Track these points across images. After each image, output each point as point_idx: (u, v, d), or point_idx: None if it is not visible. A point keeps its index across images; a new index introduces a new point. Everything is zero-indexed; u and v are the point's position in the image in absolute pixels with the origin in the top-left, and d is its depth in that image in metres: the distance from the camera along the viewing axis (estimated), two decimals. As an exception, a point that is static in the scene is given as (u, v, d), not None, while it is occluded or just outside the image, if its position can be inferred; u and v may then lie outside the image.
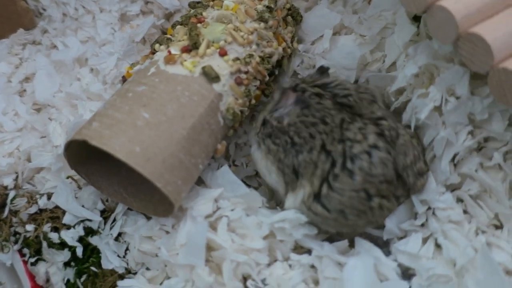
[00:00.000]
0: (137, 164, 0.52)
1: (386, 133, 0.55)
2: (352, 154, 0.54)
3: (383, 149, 0.54)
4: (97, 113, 0.58)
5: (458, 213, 0.54)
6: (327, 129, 0.55)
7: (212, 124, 0.60)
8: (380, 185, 0.54)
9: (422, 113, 0.57)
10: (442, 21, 0.49)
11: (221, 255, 0.56)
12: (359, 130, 0.55)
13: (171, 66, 0.60)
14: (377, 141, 0.54)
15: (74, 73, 0.75)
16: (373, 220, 0.56)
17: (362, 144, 0.54)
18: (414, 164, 0.55)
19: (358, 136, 0.54)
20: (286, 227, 0.57)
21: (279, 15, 0.69)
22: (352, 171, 0.54)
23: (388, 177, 0.54)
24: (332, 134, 0.55)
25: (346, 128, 0.55)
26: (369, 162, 0.53)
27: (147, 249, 0.60)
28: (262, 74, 0.65)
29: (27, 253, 0.65)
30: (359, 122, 0.55)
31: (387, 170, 0.54)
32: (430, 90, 0.57)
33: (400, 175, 0.55)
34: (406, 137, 0.56)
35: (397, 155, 0.54)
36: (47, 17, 0.81)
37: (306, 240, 0.58)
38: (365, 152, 0.54)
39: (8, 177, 0.67)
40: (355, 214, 0.55)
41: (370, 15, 0.70)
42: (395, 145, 0.55)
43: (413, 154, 0.55)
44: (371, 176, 0.53)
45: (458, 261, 0.52)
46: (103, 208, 0.64)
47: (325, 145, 0.55)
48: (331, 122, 0.56)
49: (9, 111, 0.72)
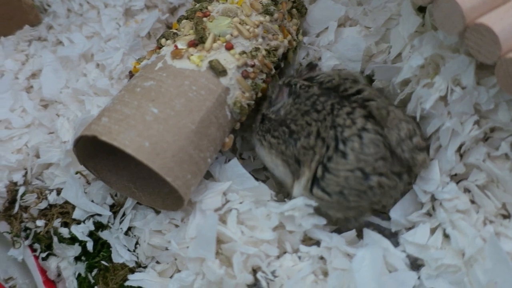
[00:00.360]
0: (147, 159, 0.53)
1: (375, 112, 0.56)
2: (343, 138, 0.56)
3: (372, 130, 0.55)
4: (106, 109, 0.58)
5: (464, 202, 0.54)
6: (320, 116, 0.58)
7: (219, 117, 0.60)
8: (375, 162, 0.55)
9: (427, 103, 0.57)
10: (448, 12, 0.49)
11: (231, 247, 0.56)
12: (348, 115, 0.56)
13: (178, 61, 0.60)
14: (365, 124, 0.56)
15: (80, 68, 0.76)
16: (376, 200, 0.57)
17: (351, 129, 0.56)
18: (409, 138, 0.56)
19: (348, 121, 0.56)
20: (296, 215, 0.57)
21: (284, 7, 0.69)
22: (344, 152, 0.55)
23: (381, 154, 0.55)
24: (325, 122, 0.57)
25: (336, 114, 0.57)
26: (360, 143, 0.55)
27: (156, 243, 0.61)
28: (268, 67, 0.65)
29: (38, 248, 0.66)
30: (347, 107, 0.57)
31: (379, 148, 0.55)
32: (436, 80, 0.57)
33: (394, 151, 0.55)
34: (397, 112, 0.57)
35: (389, 131, 0.55)
36: (52, 13, 0.81)
37: (315, 231, 0.59)
38: (356, 135, 0.55)
39: (18, 173, 0.68)
40: (355, 195, 0.56)
41: (374, 6, 0.70)
42: (386, 122, 0.56)
43: (407, 128, 0.56)
44: (364, 155, 0.55)
45: (467, 251, 0.52)
46: (112, 203, 0.65)
47: (320, 133, 0.57)
48: (322, 110, 0.58)
49: (16, 108, 0.73)
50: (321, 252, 0.57)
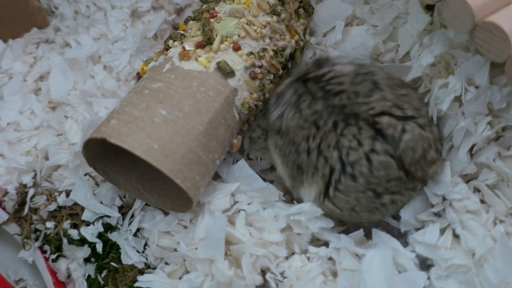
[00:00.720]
0: (156, 161, 0.53)
1: (387, 132, 0.52)
2: (349, 161, 0.53)
3: (382, 152, 0.52)
4: (115, 111, 0.58)
5: (474, 202, 0.54)
6: (320, 133, 0.54)
7: (228, 119, 0.60)
8: (387, 183, 0.53)
9: (443, 104, 0.57)
10: (457, 10, 0.49)
11: (239, 248, 0.56)
12: (353, 137, 0.53)
13: (186, 62, 0.60)
14: (373, 145, 0.52)
15: (88, 70, 0.76)
16: (388, 213, 0.57)
17: (358, 151, 0.52)
18: (423, 157, 0.54)
19: (353, 143, 0.53)
20: (302, 219, 0.57)
21: (291, 7, 0.69)
22: (353, 175, 0.53)
23: (394, 175, 0.53)
24: (327, 140, 0.54)
25: (341, 133, 0.53)
26: (369, 166, 0.52)
27: (165, 244, 0.61)
28: (275, 67, 0.65)
29: (48, 250, 0.66)
30: (353, 126, 0.53)
31: (391, 170, 0.52)
32: (450, 80, 0.57)
33: (408, 171, 0.54)
34: (415, 131, 0.53)
35: (403, 152, 0.52)
36: (59, 15, 0.82)
37: (322, 233, 0.59)
38: (363, 158, 0.52)
39: (27, 175, 0.68)
40: (367, 211, 0.55)
41: (381, 4, 0.70)
42: (400, 142, 0.52)
43: (422, 148, 0.53)
44: (375, 178, 0.53)
45: (477, 251, 0.52)
46: (121, 204, 0.65)
47: (322, 151, 0.54)
48: (324, 126, 0.54)
49: (25, 110, 0.73)
50: (330, 253, 0.57)
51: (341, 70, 0.57)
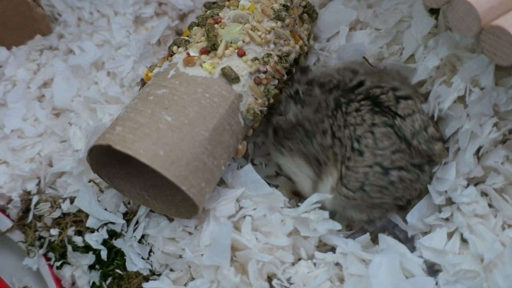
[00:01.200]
0: (161, 168, 0.53)
1: (383, 98, 0.57)
2: (356, 136, 0.56)
3: (381, 124, 0.56)
4: (120, 117, 0.58)
5: (483, 206, 0.54)
6: (329, 112, 0.58)
7: (233, 124, 0.60)
8: (392, 155, 0.55)
9: (445, 103, 0.57)
10: (463, 14, 0.49)
11: (245, 255, 0.56)
12: (357, 112, 0.57)
13: (191, 68, 0.60)
14: (373, 118, 0.56)
15: (92, 77, 0.76)
16: (399, 195, 0.57)
17: (363, 126, 0.56)
18: (424, 129, 0.56)
19: (358, 119, 0.57)
20: (311, 218, 0.57)
21: (295, 13, 0.69)
22: (360, 150, 0.56)
23: (397, 146, 0.55)
24: (337, 121, 0.58)
25: (346, 111, 0.57)
26: (373, 138, 0.56)
27: (170, 251, 0.61)
28: (280, 73, 0.65)
29: (52, 257, 0.66)
30: (354, 102, 0.57)
31: (392, 140, 0.55)
32: (454, 80, 0.57)
33: (410, 143, 0.56)
34: (409, 101, 0.57)
35: (402, 122, 0.56)
36: (63, 22, 0.81)
37: (330, 237, 0.58)
38: (368, 131, 0.56)
39: (31, 182, 0.68)
40: (377, 191, 0.57)
41: (385, 8, 0.70)
42: (399, 110, 0.56)
43: (421, 119, 0.56)
44: (379, 149, 0.55)
45: (486, 256, 0.51)
46: (126, 211, 0.65)
47: (335, 132, 0.58)
48: (329, 105, 0.59)
49: (29, 117, 0.73)
50: (336, 258, 0.56)
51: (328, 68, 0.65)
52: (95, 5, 0.82)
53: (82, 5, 0.82)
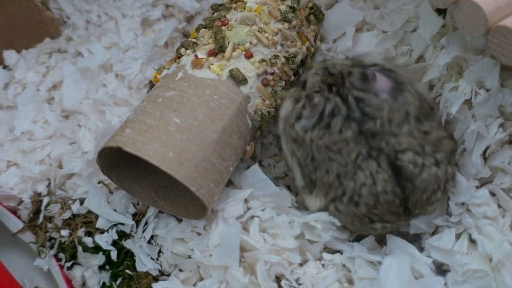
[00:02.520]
0: (171, 169, 0.53)
1: (406, 170, 0.53)
2: (360, 193, 0.54)
3: (391, 193, 0.54)
4: (129, 120, 0.59)
5: (493, 209, 0.54)
6: (342, 161, 0.54)
7: (241, 126, 0.60)
8: (384, 215, 0.55)
9: (453, 107, 0.57)
10: (470, 15, 0.49)
11: (254, 255, 0.57)
12: (370, 174, 0.53)
13: (199, 70, 0.61)
14: (385, 187, 0.53)
15: (100, 79, 0.76)
16: (376, 234, 0.59)
17: (371, 188, 0.54)
18: (429, 198, 0.55)
19: (368, 180, 0.54)
20: (318, 227, 0.58)
21: (302, 14, 0.69)
22: (358, 203, 0.55)
23: (394, 211, 0.55)
24: (346, 169, 0.54)
25: (360, 166, 0.54)
26: (376, 201, 0.54)
27: (179, 251, 0.61)
28: (287, 74, 0.65)
29: (63, 258, 0.66)
30: (373, 162, 0.53)
31: (393, 207, 0.54)
32: (460, 83, 0.57)
33: (409, 209, 0.55)
34: (432, 170, 0.53)
35: (413, 191, 0.54)
36: (71, 25, 0.82)
37: (335, 242, 0.59)
38: (373, 194, 0.54)
39: (41, 184, 0.69)
40: (358, 229, 0.58)
41: (391, 9, 0.70)
42: (415, 180, 0.53)
43: (432, 190, 0.54)
44: (376, 210, 0.55)
45: (494, 256, 0.51)
46: (135, 212, 0.65)
47: (340, 176, 0.55)
48: (347, 156, 0.54)
49: (39, 119, 0.74)
50: (344, 261, 0.56)
51: (381, 87, 0.54)
52: (103, 8, 0.82)
53: (90, 8, 0.82)
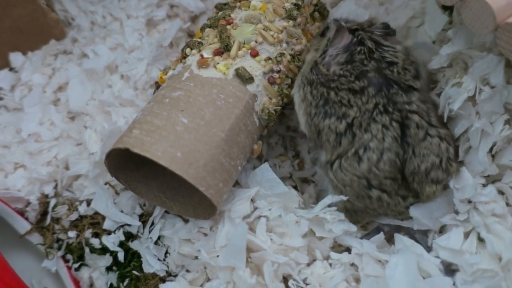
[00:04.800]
0: (179, 169, 0.53)
1: (411, 131, 0.56)
2: (367, 145, 0.56)
3: (394, 153, 0.56)
4: (136, 121, 0.59)
5: (502, 206, 0.53)
6: (362, 106, 0.57)
7: (248, 125, 0.60)
8: (383, 180, 0.56)
9: (455, 104, 0.57)
10: (478, 12, 0.49)
11: (261, 256, 0.56)
12: (383, 127, 0.56)
13: (205, 70, 0.61)
14: (391, 145, 0.56)
15: (106, 80, 0.76)
16: (371, 207, 0.59)
17: (380, 142, 0.56)
18: (428, 172, 0.56)
19: (379, 135, 0.56)
20: (327, 218, 0.58)
21: (306, 11, 0.69)
22: (361, 158, 0.56)
23: (393, 175, 0.56)
24: (361, 119, 0.57)
25: (374, 118, 0.56)
26: (379, 157, 0.56)
27: (186, 252, 0.61)
28: (293, 72, 0.65)
29: (71, 259, 0.66)
30: (387, 116, 0.56)
31: (393, 168, 0.56)
32: (464, 80, 0.57)
33: (405, 177, 0.56)
34: (435, 140, 0.56)
35: (411, 158, 0.56)
36: (76, 26, 0.82)
37: (345, 238, 0.58)
38: (379, 149, 0.56)
39: (48, 185, 0.69)
40: (354, 195, 0.58)
41: (397, 6, 0.70)
42: (417, 147, 0.56)
43: (431, 162, 0.56)
44: (377, 169, 0.56)
45: (504, 255, 0.51)
46: (141, 213, 0.65)
47: (353, 124, 0.57)
48: (365, 102, 0.57)
49: (45, 121, 0.74)
50: (352, 259, 0.56)
51: (397, 47, 0.59)
52: (108, 8, 0.82)
53: (95, 9, 0.82)
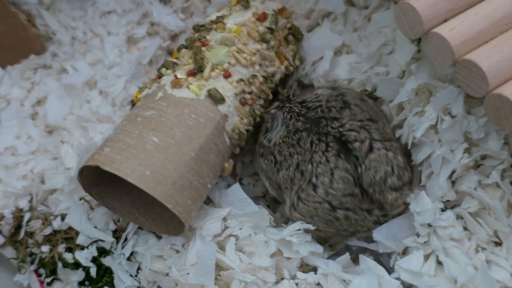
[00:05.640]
0: (148, 187, 0.55)
1: (355, 145, 0.59)
2: (317, 172, 0.59)
3: (342, 169, 0.58)
4: (109, 139, 0.60)
5: (459, 231, 0.55)
6: (301, 151, 0.61)
7: (219, 144, 0.62)
8: (342, 198, 0.58)
9: (418, 132, 0.59)
10: (438, 47, 0.51)
11: (229, 274, 0.58)
12: (323, 153, 0.60)
13: (178, 90, 0.62)
14: (336, 162, 0.59)
15: (84, 95, 0.77)
16: (342, 228, 0.61)
17: (325, 165, 0.59)
18: (383, 181, 0.58)
19: (323, 159, 0.60)
20: (294, 241, 0.59)
21: (280, 35, 0.71)
22: (316, 185, 0.59)
23: (350, 191, 0.58)
24: (304, 156, 0.61)
25: (314, 150, 0.60)
26: (331, 178, 0.59)
27: (158, 268, 0.62)
28: (265, 93, 0.67)
29: (43, 273, 0.67)
30: (323, 142, 0.60)
31: (348, 185, 0.58)
32: (427, 109, 0.59)
33: (366, 191, 0.58)
34: (382, 152, 0.59)
35: (365, 171, 0.58)
36: (57, 41, 0.83)
37: (312, 258, 0.60)
38: (328, 171, 0.59)
39: (23, 199, 0.70)
40: (323, 222, 0.60)
41: (370, 32, 0.72)
42: (366, 159, 0.58)
43: (384, 171, 0.58)
44: (332, 189, 0.58)
45: (459, 278, 0.53)
46: (115, 228, 0.66)
47: (299, 165, 0.61)
48: (303, 145, 0.61)
49: (22, 135, 0.75)
50: (318, 279, 0.58)
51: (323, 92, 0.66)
52: (89, 24, 0.83)
53: (76, 24, 0.83)
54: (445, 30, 0.50)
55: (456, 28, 0.50)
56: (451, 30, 0.50)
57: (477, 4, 0.52)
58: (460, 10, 0.52)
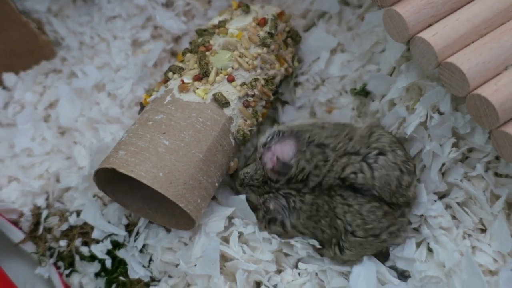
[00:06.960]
0: (161, 188, 0.59)
1: (359, 180, 0.58)
2: (348, 222, 0.59)
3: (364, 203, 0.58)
4: (122, 142, 0.64)
5: (447, 220, 0.60)
6: (324, 214, 0.61)
7: (225, 145, 0.66)
8: (380, 224, 0.59)
9: (408, 128, 0.62)
10: (423, 50, 0.55)
11: (233, 265, 0.62)
12: (342, 204, 0.59)
13: (185, 94, 0.66)
14: (358, 202, 0.58)
15: (94, 98, 0.81)
16: (390, 244, 0.62)
17: (351, 212, 0.59)
18: (399, 185, 0.59)
19: (345, 208, 0.59)
20: (298, 246, 0.63)
21: (279, 38, 0.74)
22: (353, 231, 0.59)
23: (381, 213, 0.58)
24: (329, 216, 0.61)
25: (334, 207, 0.60)
26: (361, 218, 0.59)
27: (168, 259, 0.66)
28: (267, 94, 0.71)
29: (62, 266, 0.71)
30: (337, 197, 0.60)
31: (377, 210, 0.58)
32: (417, 107, 0.62)
33: (391, 202, 0.59)
34: (381, 162, 0.59)
35: (380, 189, 0.58)
36: (66, 46, 0.86)
37: (308, 259, 0.64)
38: (356, 214, 0.59)
39: (41, 197, 0.74)
40: (373, 250, 0.62)
41: (363, 31, 0.75)
42: (374, 182, 0.58)
43: (395, 177, 0.58)
44: (368, 224, 0.59)
45: (447, 263, 0.58)
46: (127, 223, 0.71)
47: (331, 225, 0.61)
48: (322, 209, 0.61)
49: (37, 137, 0.79)
50: (318, 271, 0.62)
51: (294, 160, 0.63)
52: (96, 30, 0.86)
53: (83, 30, 0.86)
54: (429, 35, 0.54)
55: (439, 33, 0.53)
56: (435, 35, 0.53)
57: (459, 9, 0.56)
58: (443, 15, 0.56)
